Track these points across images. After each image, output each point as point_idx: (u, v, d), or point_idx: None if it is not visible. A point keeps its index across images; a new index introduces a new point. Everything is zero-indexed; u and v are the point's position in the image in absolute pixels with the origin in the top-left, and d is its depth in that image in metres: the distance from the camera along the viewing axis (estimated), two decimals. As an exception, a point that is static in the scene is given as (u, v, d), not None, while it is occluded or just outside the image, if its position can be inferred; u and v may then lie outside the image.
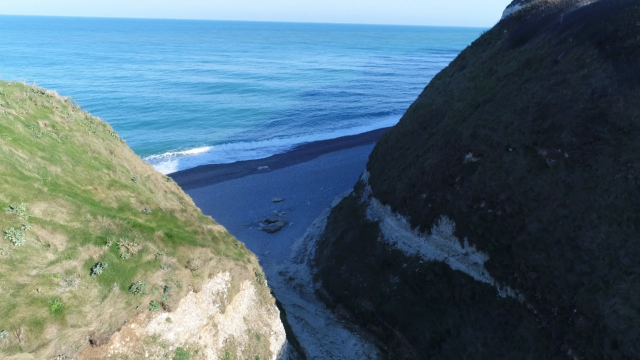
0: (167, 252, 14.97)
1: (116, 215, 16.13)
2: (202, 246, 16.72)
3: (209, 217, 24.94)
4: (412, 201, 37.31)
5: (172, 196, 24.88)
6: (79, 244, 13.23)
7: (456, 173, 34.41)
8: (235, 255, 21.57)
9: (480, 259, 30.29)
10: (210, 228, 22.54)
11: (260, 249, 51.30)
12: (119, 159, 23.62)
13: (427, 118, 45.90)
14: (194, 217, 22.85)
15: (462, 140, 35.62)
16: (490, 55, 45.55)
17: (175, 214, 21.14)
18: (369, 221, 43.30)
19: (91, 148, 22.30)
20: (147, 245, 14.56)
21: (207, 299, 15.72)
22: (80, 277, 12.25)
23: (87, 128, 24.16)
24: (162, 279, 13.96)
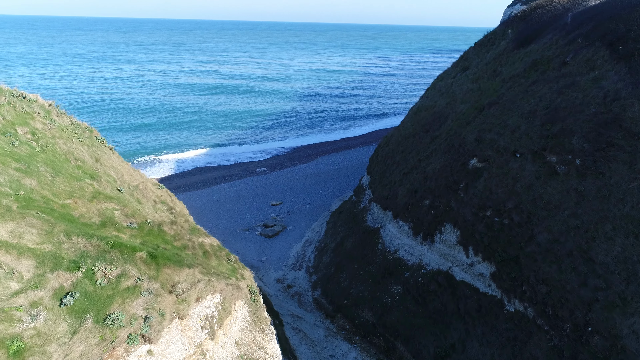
0: (149, 276, 13.52)
1: (95, 233, 14.67)
2: (189, 266, 15.26)
3: (201, 228, 23.51)
4: (414, 207, 35.86)
5: (162, 206, 23.41)
6: (48, 270, 11.78)
7: (460, 179, 32.97)
8: (227, 271, 20.13)
9: (486, 270, 28.85)
10: (202, 241, 21.10)
11: (258, 254, 49.86)
12: (105, 167, 22.15)
13: (429, 121, 44.44)
14: (184, 229, 21.39)
15: (467, 144, 34.17)
16: (494, 56, 44.09)
17: (163, 227, 19.69)
18: (369, 227, 41.85)
19: (75, 156, 20.83)
20: (127, 269, 13.10)
21: (195, 325, 14.28)
22: (47, 310, 10.80)
23: (72, 134, 22.69)
24: (143, 307, 12.52)
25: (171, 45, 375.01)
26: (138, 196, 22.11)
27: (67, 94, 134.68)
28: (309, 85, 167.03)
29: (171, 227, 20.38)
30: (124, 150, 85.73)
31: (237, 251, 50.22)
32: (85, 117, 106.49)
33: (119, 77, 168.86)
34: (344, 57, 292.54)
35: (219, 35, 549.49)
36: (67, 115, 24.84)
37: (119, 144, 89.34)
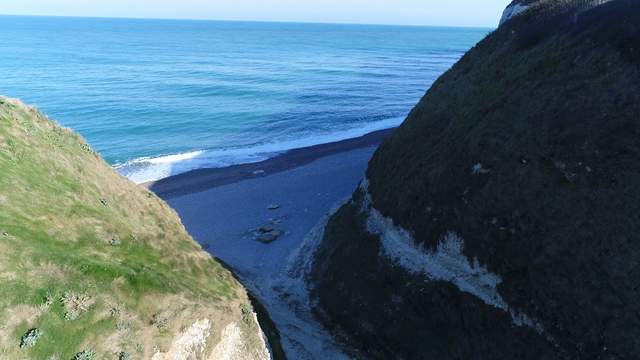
0: (127, 305, 12.08)
1: (69, 255, 13.21)
2: (173, 291, 13.82)
3: (191, 241, 22.05)
4: (415, 214, 34.47)
5: (150, 218, 21.94)
6: (9, 304, 10.34)
7: (464, 185, 31.59)
8: (218, 289, 18.69)
9: (492, 281, 27.48)
10: (191, 257, 19.65)
11: (255, 261, 48.41)
12: (88, 177, 20.67)
13: (430, 124, 43.05)
14: (173, 243, 19.93)
15: (470, 149, 32.79)
16: (497, 57, 42.72)
17: (149, 243, 18.23)
18: (369, 234, 40.44)
19: (55, 166, 19.35)
20: (101, 298, 11.66)
21: (179, 357, 12.85)
22: (4, 353, 9.38)
23: (54, 142, 21.20)
24: (119, 342, 11.09)
25: (168, 45, 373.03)
26: (124, 208, 20.65)
27: (62, 96, 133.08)
28: (307, 86, 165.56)
29: (158, 242, 18.94)
30: (119, 153, 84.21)
31: (234, 257, 48.85)
32: (80, 119, 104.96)
33: (115, 78, 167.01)
34: (341, 57, 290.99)
35: (216, 36, 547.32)
36: (49, 120, 23.35)
37: (114, 147, 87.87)
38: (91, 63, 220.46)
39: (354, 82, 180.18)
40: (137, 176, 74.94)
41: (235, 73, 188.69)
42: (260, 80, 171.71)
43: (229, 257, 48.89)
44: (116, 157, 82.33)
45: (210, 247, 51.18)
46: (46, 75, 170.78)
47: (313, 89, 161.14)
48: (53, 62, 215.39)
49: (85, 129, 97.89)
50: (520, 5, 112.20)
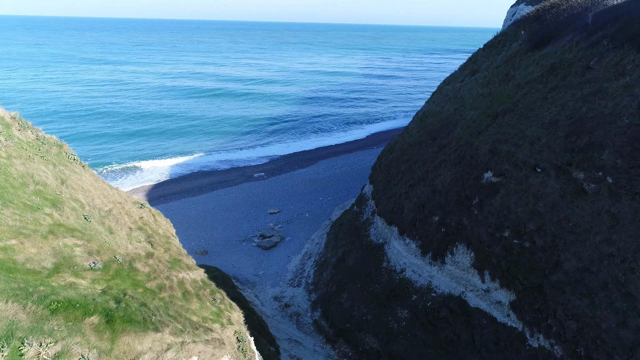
0: (100, 350, 10.40)
1: (37, 288, 11.52)
2: (156, 329, 12.12)
3: (183, 259, 20.35)
4: (422, 224, 32.74)
5: (140, 233, 20.25)
6: (-46, 358, 8.69)
7: (473, 194, 29.85)
8: (211, 315, 16.99)
9: (504, 298, 25.75)
10: (182, 278, 17.95)
11: (254, 268, 46.76)
12: (72, 191, 18.99)
13: (437, 128, 41.31)
14: (163, 263, 18.24)
15: (480, 156, 31.03)
16: (505, 59, 40.95)
17: (135, 264, 16.54)
18: (373, 242, 38.73)
19: (34, 179, 17.67)
20: (69, 343, 9.97)
21: (163, 405, 11.18)
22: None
23: (35, 152, 19.51)
24: (87, 398, 9.42)
25: (169, 46, 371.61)
26: (110, 224, 18.96)
27: (61, 98, 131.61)
28: (308, 88, 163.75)
29: (146, 263, 17.26)
30: (117, 156, 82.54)
31: (233, 265, 47.21)
32: (78, 122, 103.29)
33: (115, 80, 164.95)
34: (343, 58, 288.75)
35: (217, 36, 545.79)
36: (33, 128, 21.67)
37: (113, 150, 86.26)
38: (90, 64, 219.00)
39: (355, 83, 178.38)
40: (136, 179, 73.40)
41: (236, 74, 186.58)
42: (262, 82, 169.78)
43: (228, 264, 47.27)
44: (115, 160, 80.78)
45: (209, 253, 49.62)
46: (47, 77, 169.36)
47: (314, 90, 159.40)
48: (53, 63, 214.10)
49: (82, 132, 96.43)
50: (525, 5, 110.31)
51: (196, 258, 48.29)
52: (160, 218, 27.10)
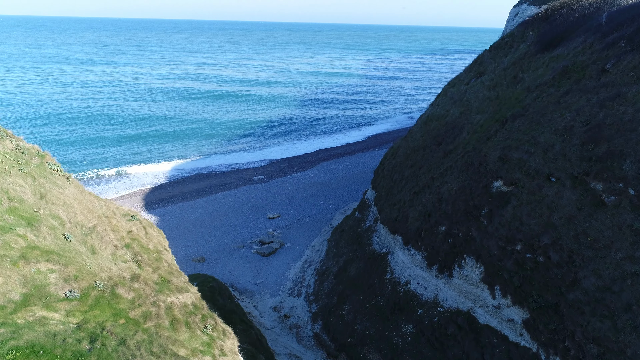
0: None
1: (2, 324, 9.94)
2: (135, 376, 10.55)
3: (174, 280, 18.74)
4: (428, 234, 31.12)
5: (126, 252, 18.64)
6: None
7: (482, 204, 28.23)
8: (201, 346, 15.41)
9: (517, 316, 24.15)
10: (171, 302, 16.36)
11: (253, 276, 45.16)
12: (52, 206, 17.38)
13: (442, 132, 39.70)
14: (150, 286, 16.64)
15: (489, 163, 29.41)
16: (513, 61, 39.32)
17: (118, 290, 14.96)
18: (375, 252, 37.12)
19: (9, 195, 16.07)
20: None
21: None
22: None
23: (12, 163, 17.91)
24: None
25: (168, 46, 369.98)
26: (93, 242, 17.36)
27: (57, 100, 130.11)
28: (308, 89, 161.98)
29: (130, 287, 15.67)
30: (115, 161, 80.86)
31: (230, 272, 45.62)
32: (75, 127, 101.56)
33: (112, 82, 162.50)
34: (343, 58, 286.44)
35: (216, 36, 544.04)
36: (13, 137, 20.06)
37: (110, 154, 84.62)
38: (89, 65, 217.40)
39: (355, 84, 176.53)
40: (133, 183, 71.82)
41: (236, 76, 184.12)
42: (262, 83, 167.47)
43: (225, 272, 45.69)
44: (111, 164, 79.25)
45: (206, 261, 48.03)
46: (45, 77, 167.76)
47: (314, 91, 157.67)
48: (50, 64, 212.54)
49: (79, 135, 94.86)
50: (528, 5, 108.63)
51: (193, 266, 46.79)
52: (152, 230, 25.50)
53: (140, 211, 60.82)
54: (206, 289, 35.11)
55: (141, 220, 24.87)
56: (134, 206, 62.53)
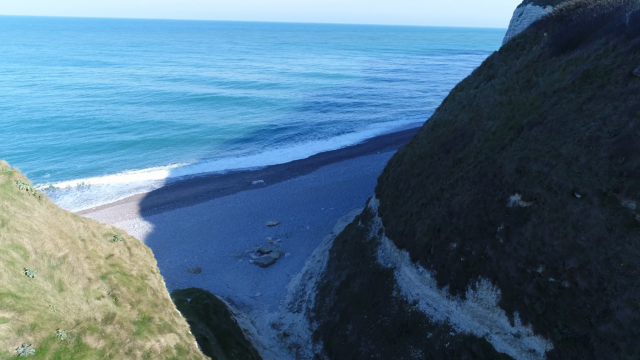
0: None
1: None
2: None
3: (156, 317, 16.36)
4: (438, 251, 28.74)
5: (102, 285, 16.27)
6: None
7: (498, 220, 25.85)
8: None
9: (539, 347, 21.77)
10: (150, 348, 14.04)
11: (251, 289, 42.82)
12: (15, 235, 15.01)
13: (450, 139, 37.31)
14: (126, 328, 14.28)
15: (505, 175, 27.02)
16: (526, 63, 36.91)
17: (85, 339, 12.64)
18: (380, 266, 34.74)
19: (-40, 224, 13.69)
20: None
21: None
22: None
23: (-29, 184, 15.54)
24: None
25: (166, 47, 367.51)
26: (62, 276, 14.99)
27: (54, 103, 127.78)
28: (308, 91, 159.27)
29: (102, 333, 13.30)
30: (112, 168, 78.42)
31: (227, 284, 43.27)
32: (71, 132, 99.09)
33: (110, 85, 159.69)
34: (343, 59, 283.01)
35: (216, 36, 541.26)
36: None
37: (107, 160, 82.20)
38: (88, 66, 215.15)
39: (356, 86, 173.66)
40: (128, 189, 69.44)
41: (235, 78, 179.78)
42: (261, 85, 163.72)
43: (222, 284, 43.36)
44: (107, 171, 76.94)
45: (202, 271, 45.70)
46: (41, 80, 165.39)
47: (315, 93, 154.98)
48: (48, 65, 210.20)
49: (76, 141, 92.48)
50: (533, 5, 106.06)
51: (188, 277, 44.43)
52: (138, 249, 23.13)
53: (135, 218, 58.53)
54: (200, 306, 32.81)
55: (125, 239, 22.50)
56: (128, 212, 60.25)
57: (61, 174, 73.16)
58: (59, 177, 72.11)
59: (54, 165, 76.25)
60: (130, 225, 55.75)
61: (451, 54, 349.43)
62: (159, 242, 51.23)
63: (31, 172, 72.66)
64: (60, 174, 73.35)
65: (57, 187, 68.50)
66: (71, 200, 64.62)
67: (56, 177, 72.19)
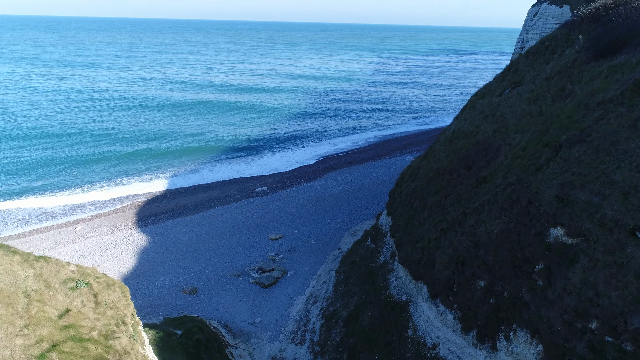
0: None
1: None
2: None
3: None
4: (462, 288, 24.56)
5: None
6: None
7: (536, 257, 21.60)
8: None
9: (594, 422, 17.55)
10: None
11: (251, 314, 38.88)
12: None
13: (472, 153, 33.03)
14: None
15: (543, 203, 22.75)
16: (558, 69, 32.52)
17: None
18: (393, 298, 30.58)
19: None
20: None
21: None
22: None
23: None
24: None
25: (174, 47, 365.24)
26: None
27: (52, 106, 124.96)
28: (314, 94, 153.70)
29: None
30: (113, 175, 74.86)
31: (225, 308, 39.41)
32: (68, 138, 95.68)
33: (116, 90, 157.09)
34: (350, 60, 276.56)
35: (219, 35, 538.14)
36: None
37: (109, 168, 78.63)
38: (93, 69, 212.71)
39: (363, 88, 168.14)
40: (127, 196, 65.82)
41: (239, 82, 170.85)
42: (266, 89, 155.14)
43: (219, 308, 39.47)
44: (105, 179, 73.42)
45: (198, 292, 41.88)
46: (57, 79, 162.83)
47: (320, 96, 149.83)
48: (60, 64, 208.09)
49: (69, 155, 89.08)
50: (548, 4, 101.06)
51: (183, 299, 40.65)
52: (108, 293, 19.28)
53: (131, 229, 54.87)
54: (191, 343, 28.87)
55: (92, 283, 18.59)
56: (124, 222, 56.63)
57: (55, 186, 69.72)
58: (52, 188, 68.67)
59: (50, 179, 72.63)
60: (125, 238, 52.09)
61: (459, 55, 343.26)
62: (153, 257, 47.47)
63: (24, 186, 69.37)
64: (54, 185, 69.89)
65: (55, 194, 65.19)
66: (66, 207, 61.16)
67: (51, 187, 68.79)
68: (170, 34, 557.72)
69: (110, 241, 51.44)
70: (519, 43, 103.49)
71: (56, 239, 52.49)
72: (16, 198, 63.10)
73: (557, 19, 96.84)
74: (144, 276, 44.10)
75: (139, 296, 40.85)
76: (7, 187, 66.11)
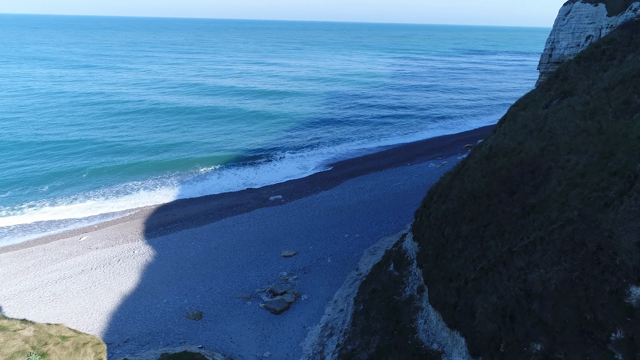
0: None
1: None
2: None
3: None
4: (512, 350, 19.85)
5: None
6: None
7: (612, 323, 16.82)
8: None
9: None
10: None
11: (259, 346, 34.74)
12: None
13: (515, 174, 28.18)
14: None
15: (619, 251, 17.90)
16: (620, 78, 27.38)
17: None
18: (422, 345, 26.00)
19: None
20: None
21: None
22: None
23: None
24: None
25: (189, 46, 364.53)
26: None
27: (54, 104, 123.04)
28: (330, 97, 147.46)
29: None
30: (112, 179, 71.76)
31: (231, 338, 35.41)
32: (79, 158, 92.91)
33: (111, 92, 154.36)
34: (369, 62, 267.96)
35: (241, 35, 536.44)
36: None
37: (111, 174, 75.58)
38: (79, 70, 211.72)
39: (382, 91, 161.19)
40: (136, 204, 62.52)
41: (253, 86, 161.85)
42: (282, 94, 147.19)
43: (225, 337, 35.47)
44: (107, 183, 70.35)
45: (203, 317, 38.01)
46: (70, 79, 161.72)
47: (338, 99, 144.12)
48: (59, 67, 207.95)
49: (72, 164, 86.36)
50: (582, 2, 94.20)
51: (186, 325, 36.78)
52: (76, 362, 15.19)
53: (137, 240, 51.47)
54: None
55: (52, 355, 14.61)
56: (131, 232, 53.27)
57: (63, 194, 66.91)
58: (60, 196, 65.86)
59: (59, 187, 69.85)
60: (130, 251, 48.62)
61: (481, 55, 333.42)
62: (158, 275, 43.80)
63: (31, 193, 66.81)
64: (63, 193, 67.09)
65: (63, 202, 62.36)
66: (73, 216, 58.20)
67: (60, 195, 66.01)
68: (188, 33, 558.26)
69: (114, 254, 48.03)
70: (549, 43, 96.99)
71: (59, 250, 49.39)
72: (22, 205, 60.45)
73: (591, 18, 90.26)
74: (147, 297, 40.43)
75: (138, 321, 37.20)
76: (14, 195, 63.55)
